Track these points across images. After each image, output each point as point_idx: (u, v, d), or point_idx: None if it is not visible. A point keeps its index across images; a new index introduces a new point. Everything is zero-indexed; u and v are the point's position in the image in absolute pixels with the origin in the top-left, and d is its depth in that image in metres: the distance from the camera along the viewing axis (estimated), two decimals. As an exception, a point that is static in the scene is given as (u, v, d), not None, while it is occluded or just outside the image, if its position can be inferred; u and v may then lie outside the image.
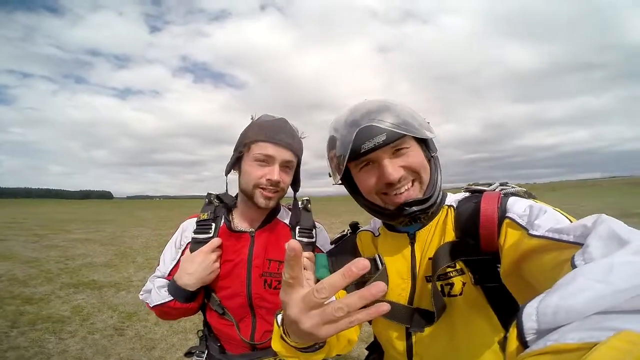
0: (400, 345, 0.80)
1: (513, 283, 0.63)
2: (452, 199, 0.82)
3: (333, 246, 0.98)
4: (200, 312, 1.10)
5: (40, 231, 12.95)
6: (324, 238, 1.12)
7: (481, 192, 0.76)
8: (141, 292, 1.08)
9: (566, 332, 0.27)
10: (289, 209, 1.16)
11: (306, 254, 0.95)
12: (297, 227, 1.08)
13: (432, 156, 0.78)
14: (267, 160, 0.98)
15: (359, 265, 0.42)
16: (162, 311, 1.01)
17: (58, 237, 11.27)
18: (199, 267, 0.96)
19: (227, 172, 1.08)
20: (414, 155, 0.74)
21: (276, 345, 0.73)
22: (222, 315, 1.02)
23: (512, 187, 0.77)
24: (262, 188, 0.99)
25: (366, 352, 0.97)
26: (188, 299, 0.98)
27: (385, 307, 0.46)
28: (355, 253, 0.90)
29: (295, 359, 0.73)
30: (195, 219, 1.09)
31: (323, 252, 1.03)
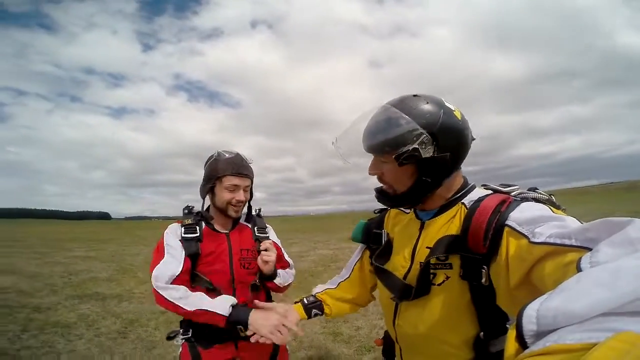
0: (390, 313, 0.93)
1: (517, 296, 0.64)
2: (470, 197, 0.84)
3: (377, 214, 1.14)
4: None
5: (41, 249, 13.16)
6: (273, 235, 1.60)
7: (494, 192, 0.80)
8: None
9: (566, 333, 0.28)
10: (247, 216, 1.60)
11: (268, 242, 1.43)
12: (255, 228, 1.54)
13: (422, 179, 0.80)
14: (234, 188, 1.39)
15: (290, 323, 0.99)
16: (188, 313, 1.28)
17: (59, 254, 11.49)
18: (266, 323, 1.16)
19: (204, 196, 1.45)
20: (387, 170, 0.84)
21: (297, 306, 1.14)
22: (211, 291, 1.30)
23: (536, 193, 0.78)
24: (232, 205, 1.41)
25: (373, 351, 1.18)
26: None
27: (301, 332, 0.99)
28: (381, 225, 1.06)
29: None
30: (179, 224, 1.41)
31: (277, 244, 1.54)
